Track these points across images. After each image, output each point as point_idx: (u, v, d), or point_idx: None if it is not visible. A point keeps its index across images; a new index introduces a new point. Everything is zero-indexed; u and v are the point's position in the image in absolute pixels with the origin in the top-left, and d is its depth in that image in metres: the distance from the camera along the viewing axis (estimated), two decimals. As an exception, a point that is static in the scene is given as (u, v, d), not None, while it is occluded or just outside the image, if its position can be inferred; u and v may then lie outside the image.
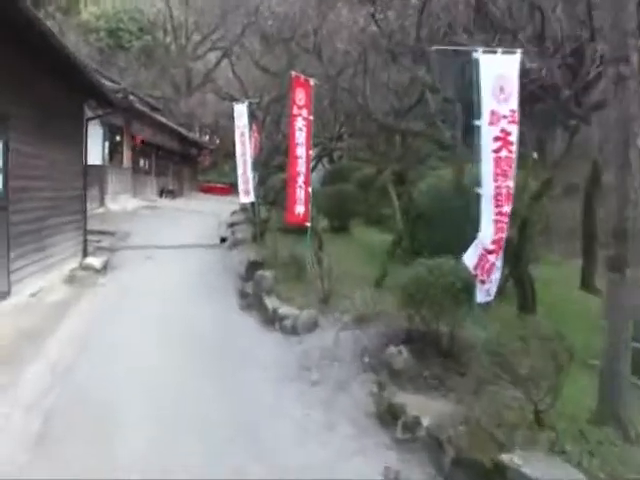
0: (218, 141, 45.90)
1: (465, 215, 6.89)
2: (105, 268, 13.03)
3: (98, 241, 15.57)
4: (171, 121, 31.63)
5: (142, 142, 25.46)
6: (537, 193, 8.26)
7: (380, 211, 18.09)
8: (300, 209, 9.89)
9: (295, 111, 9.79)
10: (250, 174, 14.48)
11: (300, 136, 9.79)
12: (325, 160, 27.52)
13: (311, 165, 11.26)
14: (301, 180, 9.89)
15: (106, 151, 21.72)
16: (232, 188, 49.81)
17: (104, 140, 21.62)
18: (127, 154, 24.61)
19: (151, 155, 29.55)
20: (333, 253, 10.51)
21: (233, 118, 15.28)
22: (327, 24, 14.76)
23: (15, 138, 8.95)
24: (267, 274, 9.88)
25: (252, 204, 15.31)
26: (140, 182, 27.12)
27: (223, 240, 17.11)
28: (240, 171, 14.63)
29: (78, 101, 13.29)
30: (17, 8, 7.06)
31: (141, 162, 27.84)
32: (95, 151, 21.33)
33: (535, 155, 8.66)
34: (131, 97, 21.35)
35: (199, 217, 22.43)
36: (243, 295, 10.26)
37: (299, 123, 9.78)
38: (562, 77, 8.84)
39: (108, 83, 22.00)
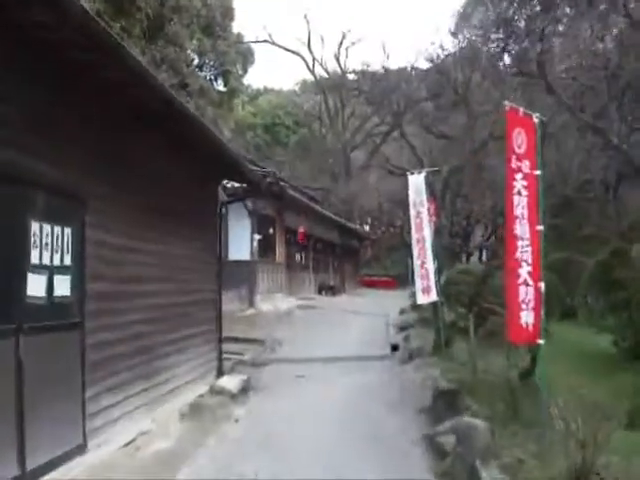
0: (381, 230, 43.11)
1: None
2: (245, 391, 10.10)
3: (240, 353, 12.77)
4: (329, 211, 29.33)
5: (298, 234, 23.09)
6: None
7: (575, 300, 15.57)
8: (527, 318, 6.14)
9: (513, 164, 6.21)
10: (431, 265, 11.05)
11: (520, 204, 6.18)
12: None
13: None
14: (525, 272, 6.16)
15: (255, 244, 19.39)
16: (396, 281, 47.23)
17: (252, 232, 19.37)
18: (280, 248, 22.29)
19: (308, 248, 27.19)
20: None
21: (398, 201, 12.46)
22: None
23: (97, 224, 6.24)
24: (478, 425, 6.10)
25: (433, 304, 11.72)
26: (296, 279, 24.61)
27: (394, 348, 13.65)
28: (417, 262, 11.26)
29: (209, 181, 10.79)
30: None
31: (297, 256, 25.48)
32: (243, 245, 19.20)
33: None
34: (282, 183, 19.06)
35: (363, 318, 19.19)
36: (438, 453, 6.51)
37: (518, 184, 6.21)
38: None
39: (255, 168, 20.06)
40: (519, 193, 6.19)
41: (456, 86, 18.58)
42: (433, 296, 11.06)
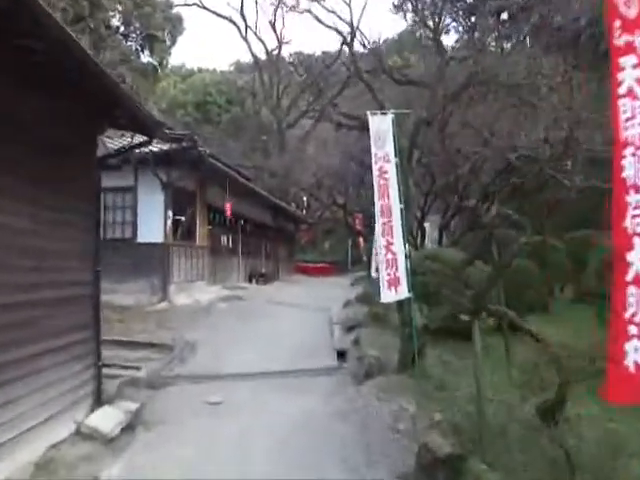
0: (319, 212, 40.06)
1: None
2: (130, 431, 6.97)
3: (136, 366, 9.44)
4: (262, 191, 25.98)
5: (224, 211, 19.64)
6: None
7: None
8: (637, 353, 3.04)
9: (619, 39, 3.08)
10: (401, 248, 7.96)
11: (628, 111, 3.06)
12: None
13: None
14: (637, 258, 3.04)
15: (169, 224, 15.89)
16: (334, 268, 44.38)
17: (167, 209, 15.86)
18: (202, 229, 18.83)
19: (236, 231, 23.75)
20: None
21: (340, 176, 10.14)
22: None
23: None
24: None
25: (399, 302, 8.60)
26: (222, 265, 21.22)
27: (341, 355, 10.63)
28: (380, 242, 8.13)
29: (82, 127, 7.41)
30: None
31: (223, 239, 22.03)
32: (155, 224, 15.74)
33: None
34: (203, 149, 15.60)
35: (301, 312, 16.04)
36: None
37: (629, 76, 3.11)
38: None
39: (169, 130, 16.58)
40: (630, 92, 3.09)
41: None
42: (403, 291, 8.00)
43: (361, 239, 31.74)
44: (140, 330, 12.27)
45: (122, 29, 40.21)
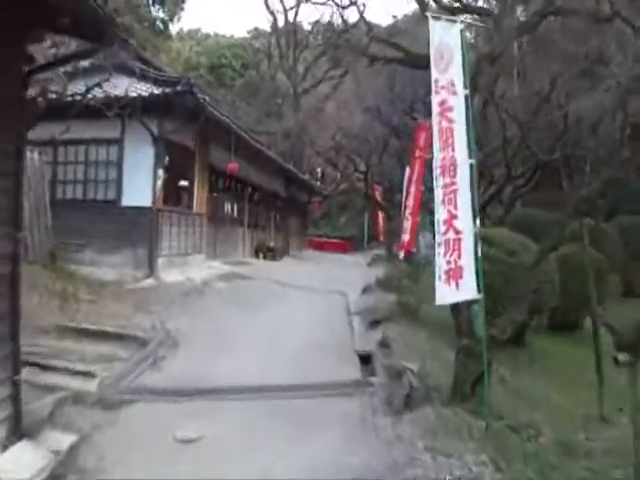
0: (336, 181, 37.40)
1: None
2: None
3: (89, 372, 6.98)
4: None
5: (228, 176, 17.05)
6: None
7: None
8: None
9: None
10: (469, 225, 5.34)
11: None
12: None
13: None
14: None
15: (160, 184, 13.28)
16: (351, 244, 41.84)
17: (157, 166, 13.24)
18: (201, 193, 16.21)
19: (243, 198, 21.13)
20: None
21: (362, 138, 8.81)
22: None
23: None
24: None
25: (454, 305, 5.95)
26: (224, 237, 18.65)
27: (365, 361, 8.17)
28: (440, 213, 5.44)
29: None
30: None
31: (226, 207, 19.34)
32: (143, 185, 13.20)
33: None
34: (202, 97, 12.94)
35: (312, 297, 13.50)
36: None
37: None
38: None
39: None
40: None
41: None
42: (468, 289, 5.34)
43: (380, 214, 29.23)
44: (112, 314, 9.78)
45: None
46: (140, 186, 13.19)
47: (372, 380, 7.22)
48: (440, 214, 5.42)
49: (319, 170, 43.57)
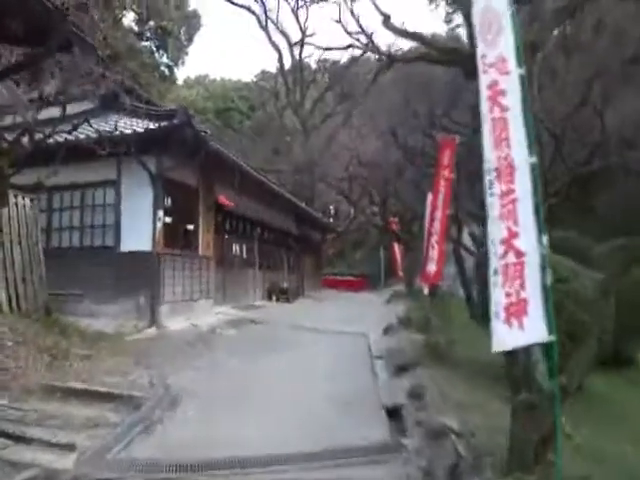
0: (350, 217, 36.46)
1: None
2: None
3: (68, 445, 5.83)
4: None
5: (236, 217, 16.09)
6: None
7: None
8: None
9: None
10: (532, 242, 4.19)
11: None
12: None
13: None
14: None
15: (160, 226, 12.31)
16: (366, 282, 40.59)
17: (156, 208, 12.30)
18: (207, 234, 15.19)
19: (253, 238, 20.11)
20: None
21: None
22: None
23: None
24: None
25: (510, 352, 4.69)
26: (232, 279, 17.61)
27: (393, 416, 7.08)
28: (495, 230, 4.35)
29: None
30: None
31: (234, 248, 18.33)
32: (140, 228, 12.27)
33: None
34: (201, 130, 12.05)
35: (330, 341, 12.37)
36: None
37: None
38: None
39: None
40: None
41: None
42: (536, 330, 4.13)
43: (397, 248, 28.11)
44: (107, 370, 8.70)
45: (136, 28, 37.56)
46: (139, 230, 12.24)
47: (404, 442, 6.03)
48: (496, 232, 4.25)
49: (332, 207, 42.74)
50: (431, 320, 11.39)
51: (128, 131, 11.68)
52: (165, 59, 42.07)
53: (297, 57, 39.94)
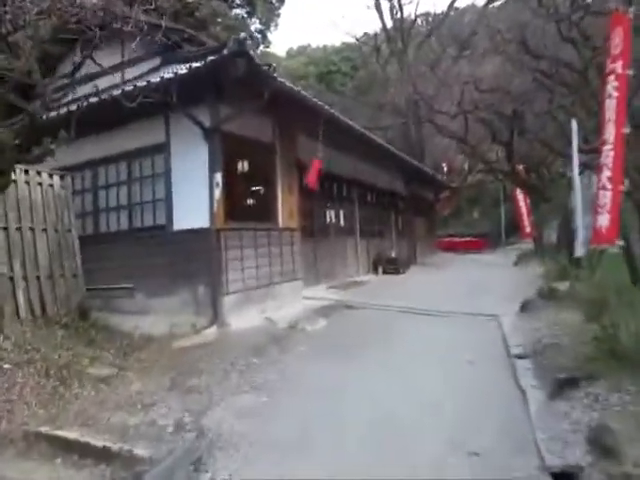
0: (465, 169, 32.73)
1: None
2: None
3: None
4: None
5: (325, 176, 12.94)
6: None
7: None
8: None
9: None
10: None
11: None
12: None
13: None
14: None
15: (217, 194, 9.41)
16: (486, 241, 36.65)
17: (212, 170, 9.44)
18: (287, 201, 12.16)
19: (351, 202, 16.99)
20: None
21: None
22: None
23: None
24: None
25: None
26: (326, 253, 14.61)
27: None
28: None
29: None
30: None
31: (327, 215, 15.17)
32: (195, 199, 9.50)
33: None
34: (261, 63, 8.97)
35: (449, 329, 9.17)
36: None
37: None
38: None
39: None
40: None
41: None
42: None
43: (524, 201, 24.07)
44: (127, 400, 6.08)
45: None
46: (195, 202, 9.46)
47: None
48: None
49: (444, 165, 38.91)
50: (593, 295, 7.87)
51: (169, 75, 8.88)
52: (258, 24, 39.73)
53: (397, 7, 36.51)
